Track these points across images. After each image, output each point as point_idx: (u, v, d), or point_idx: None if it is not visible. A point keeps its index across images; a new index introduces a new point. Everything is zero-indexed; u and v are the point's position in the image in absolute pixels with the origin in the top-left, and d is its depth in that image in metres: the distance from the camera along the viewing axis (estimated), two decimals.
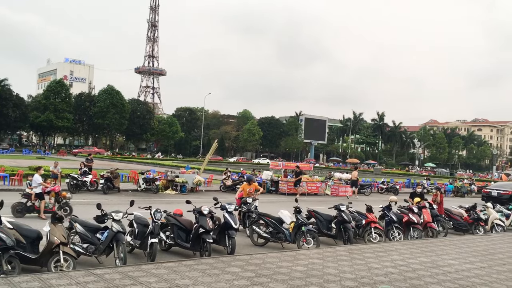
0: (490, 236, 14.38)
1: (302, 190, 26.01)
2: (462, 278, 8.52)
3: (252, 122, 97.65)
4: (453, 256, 10.53)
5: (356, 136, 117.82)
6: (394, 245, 11.58)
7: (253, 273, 7.95)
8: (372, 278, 8.09)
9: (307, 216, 12.72)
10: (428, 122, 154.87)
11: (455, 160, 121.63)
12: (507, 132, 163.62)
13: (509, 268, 9.61)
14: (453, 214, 16.08)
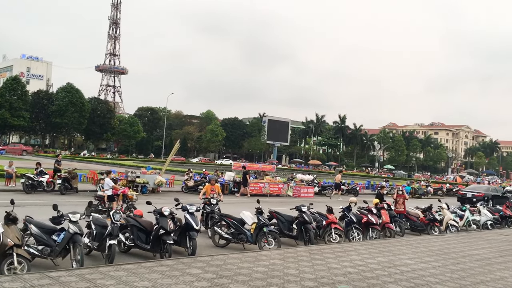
0: (445, 236, 14.85)
1: (246, 191, 26.11)
2: (417, 277, 8.77)
3: (215, 123, 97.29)
4: (410, 256, 10.81)
5: (318, 138, 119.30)
6: (353, 246, 11.79)
7: (214, 275, 7.92)
8: (332, 278, 8.20)
9: (269, 217, 12.79)
10: (387, 125, 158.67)
11: (413, 162, 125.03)
12: (462, 136, 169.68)
13: (462, 267, 9.96)
14: (410, 215, 16.53)
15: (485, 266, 10.23)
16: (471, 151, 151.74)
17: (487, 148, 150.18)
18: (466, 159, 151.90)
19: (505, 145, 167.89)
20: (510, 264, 10.68)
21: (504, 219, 19.08)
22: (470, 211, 18.07)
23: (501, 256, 11.70)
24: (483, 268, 10.00)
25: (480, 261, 10.78)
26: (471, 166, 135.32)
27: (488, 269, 9.99)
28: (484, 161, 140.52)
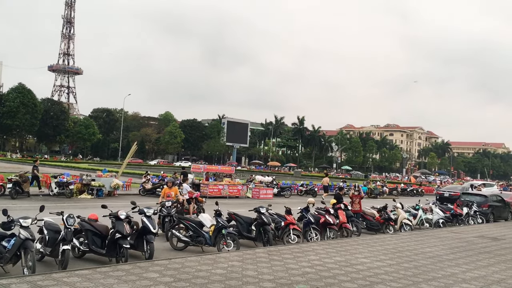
0: (399, 235, 15.27)
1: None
2: (373, 275, 8.97)
3: (174, 125, 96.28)
4: (366, 255, 11.05)
5: (277, 139, 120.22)
6: (311, 246, 11.93)
7: (171, 278, 7.81)
8: (290, 279, 8.26)
9: (228, 219, 12.76)
10: (345, 126, 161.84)
11: (369, 163, 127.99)
12: (416, 137, 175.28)
13: (416, 265, 10.26)
14: (366, 214, 16.89)
15: (437, 263, 10.59)
16: (424, 152, 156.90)
17: (439, 149, 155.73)
18: (419, 159, 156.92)
19: (455, 146, 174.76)
20: (460, 261, 11.10)
21: (455, 217, 19.81)
22: (423, 210, 18.65)
23: (452, 253, 12.14)
24: (435, 265, 10.35)
25: (432, 258, 11.14)
26: (424, 166, 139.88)
27: (439, 266, 10.34)
28: (436, 161, 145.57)
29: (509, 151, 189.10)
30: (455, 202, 22.06)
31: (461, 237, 15.24)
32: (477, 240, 14.95)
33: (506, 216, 23.36)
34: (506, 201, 23.81)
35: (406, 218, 17.11)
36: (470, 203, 21.10)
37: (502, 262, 11.29)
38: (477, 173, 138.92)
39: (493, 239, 15.45)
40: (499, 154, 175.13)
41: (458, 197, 26.98)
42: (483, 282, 9.00)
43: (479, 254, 12.22)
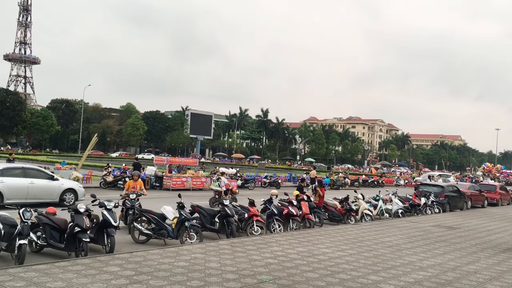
0: (360, 225, 15.59)
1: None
2: (334, 265, 9.13)
3: (136, 116, 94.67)
4: (327, 245, 11.23)
5: (241, 131, 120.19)
6: (274, 237, 12.03)
7: (133, 271, 7.71)
8: (253, 270, 8.31)
9: (191, 211, 12.68)
10: (308, 119, 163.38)
11: (332, 155, 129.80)
12: (377, 130, 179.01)
13: (375, 254, 10.51)
14: (328, 205, 17.13)
15: (396, 252, 10.88)
16: (385, 144, 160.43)
17: (399, 141, 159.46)
18: (380, 151, 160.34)
19: (415, 138, 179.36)
20: (418, 250, 11.44)
21: (413, 207, 20.38)
22: (383, 200, 19.09)
23: (409, 242, 12.50)
24: (393, 254, 10.63)
25: (391, 248, 11.44)
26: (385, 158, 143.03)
27: (398, 254, 10.63)
28: (397, 153, 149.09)
29: (465, 143, 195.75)
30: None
31: (419, 227, 15.71)
32: (434, 229, 15.44)
33: (461, 206, 24.24)
34: (462, 192, 24.71)
35: (367, 208, 17.47)
36: (428, 193, 21.76)
37: (457, 250, 11.72)
38: (435, 164, 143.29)
39: (449, 228, 16.00)
40: (456, 146, 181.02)
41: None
42: (439, 269, 9.31)
43: (436, 243, 12.63)
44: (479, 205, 26.46)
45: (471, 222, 18.33)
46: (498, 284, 8.36)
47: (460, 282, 8.33)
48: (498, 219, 20.02)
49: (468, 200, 25.23)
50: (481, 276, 8.91)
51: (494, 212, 23.48)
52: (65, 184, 17.86)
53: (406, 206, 19.95)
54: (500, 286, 8.23)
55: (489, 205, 27.52)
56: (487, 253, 11.57)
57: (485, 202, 27.28)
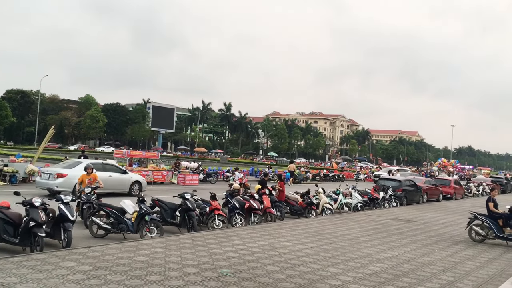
0: (321, 219, 15.82)
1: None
2: (294, 258, 9.22)
3: (96, 109, 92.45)
4: (288, 238, 11.34)
5: (204, 125, 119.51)
6: (236, 231, 12.04)
7: (90, 266, 7.54)
8: (214, 264, 8.29)
9: (151, 205, 12.52)
10: (271, 113, 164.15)
11: (294, 149, 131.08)
12: (338, 125, 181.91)
13: (335, 247, 10.70)
14: (289, 199, 17.28)
15: (354, 245, 11.11)
16: (346, 139, 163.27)
17: (359, 136, 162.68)
18: (341, 146, 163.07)
19: (375, 134, 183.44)
20: (376, 242, 11.72)
21: (372, 201, 20.86)
22: (343, 194, 19.43)
23: (368, 235, 12.79)
24: (352, 247, 10.85)
25: (350, 240, 11.68)
26: (346, 153, 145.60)
27: (357, 247, 10.86)
28: (357, 148, 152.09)
29: (422, 139, 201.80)
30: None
31: (377, 220, 16.10)
32: (391, 222, 15.86)
33: (417, 200, 24.99)
34: (418, 186, 25.47)
35: (327, 202, 17.74)
36: (386, 187, 22.31)
37: (413, 243, 12.08)
38: (394, 159, 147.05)
39: (405, 221, 16.47)
40: (414, 142, 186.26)
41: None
42: (395, 261, 9.57)
43: (393, 235, 12.98)
44: (434, 199, 27.34)
45: (426, 215, 18.93)
46: (451, 275, 8.68)
47: (415, 273, 8.59)
48: (452, 213, 20.77)
49: (424, 194, 26.02)
50: (435, 268, 9.22)
51: (448, 206, 24.34)
52: (133, 177, 20.78)
53: (365, 200, 20.39)
54: (453, 277, 8.53)
55: (444, 199, 28.48)
56: (441, 245, 11.98)
57: (440, 196, 28.23)
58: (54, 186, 16.18)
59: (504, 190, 38.98)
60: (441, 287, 7.75)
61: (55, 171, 18.47)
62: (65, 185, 17.05)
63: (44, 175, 18.77)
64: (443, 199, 28.47)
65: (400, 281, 7.97)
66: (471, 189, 35.19)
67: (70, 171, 18.20)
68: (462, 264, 9.74)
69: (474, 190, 35.43)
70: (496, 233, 12.61)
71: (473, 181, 41.21)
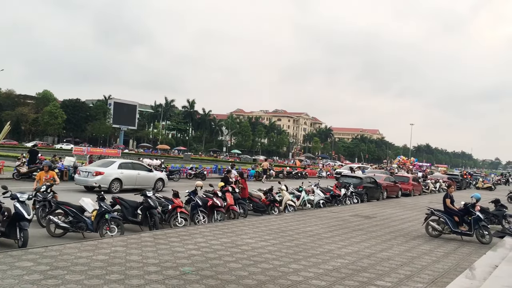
0: (283, 216, 15.94)
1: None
2: (257, 255, 9.26)
3: (54, 104, 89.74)
4: (251, 236, 11.37)
5: (167, 122, 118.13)
6: (198, 228, 11.98)
7: (47, 266, 7.33)
8: (175, 262, 8.21)
9: (112, 203, 12.28)
10: (235, 111, 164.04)
11: (258, 147, 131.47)
12: (302, 123, 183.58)
13: (297, 243, 10.81)
14: (253, 197, 17.33)
15: (316, 241, 11.26)
16: (309, 137, 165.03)
17: (322, 134, 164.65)
18: (304, 144, 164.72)
19: (337, 132, 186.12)
20: (337, 238, 11.92)
21: (334, 198, 21.17)
22: (305, 191, 19.64)
23: (330, 231, 12.99)
24: (314, 243, 10.99)
25: (312, 237, 11.82)
26: (308, 150, 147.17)
27: (318, 243, 11.00)
28: (320, 146, 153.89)
29: (383, 137, 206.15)
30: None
31: (339, 216, 16.37)
32: (352, 218, 16.16)
33: (378, 196, 25.56)
34: (378, 183, 26.04)
35: (290, 199, 17.89)
36: (348, 184, 22.70)
37: (373, 238, 12.35)
38: (355, 157, 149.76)
39: (366, 217, 16.82)
40: (374, 140, 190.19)
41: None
42: (355, 256, 9.77)
43: (353, 231, 13.23)
44: (393, 195, 28.04)
45: (386, 211, 19.40)
46: (409, 269, 8.92)
47: (375, 268, 8.78)
48: (410, 209, 21.36)
49: (384, 191, 26.64)
50: (394, 262, 9.46)
51: (407, 202, 25.02)
52: (157, 175, 22.86)
53: (327, 196, 20.68)
54: (410, 271, 8.78)
55: (403, 196, 29.25)
56: (400, 241, 12.31)
57: (399, 192, 28.98)
58: (93, 183, 19.42)
59: (459, 186, 40.40)
60: (399, 281, 7.96)
61: (94, 169, 20.26)
62: (102, 182, 18.89)
63: (83, 173, 20.52)
64: (402, 195, 29.23)
65: (360, 276, 8.14)
66: (429, 186, 36.29)
67: (106, 169, 20.34)
68: (419, 259, 10.04)
69: (432, 186, 36.57)
70: (452, 228, 13.06)
71: (430, 178, 42.50)
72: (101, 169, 20.33)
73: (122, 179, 20.42)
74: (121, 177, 20.42)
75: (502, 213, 16.83)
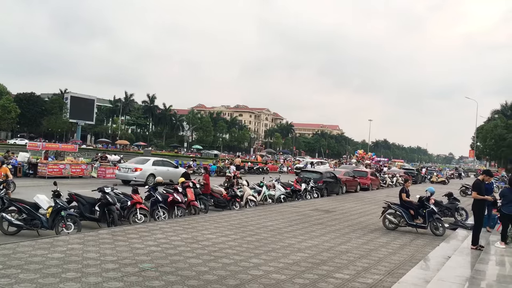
0: (244, 211, 15.98)
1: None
2: (218, 250, 9.25)
3: (7, 98, 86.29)
4: (212, 231, 11.33)
5: (126, 117, 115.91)
6: (158, 225, 11.83)
7: (0, 265, 7.06)
8: (134, 259, 8.09)
9: (68, 200, 11.95)
10: (196, 106, 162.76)
11: (219, 142, 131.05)
12: (263, 118, 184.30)
13: (258, 238, 10.85)
14: (214, 192, 17.27)
15: (277, 236, 11.35)
16: (270, 132, 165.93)
17: (283, 130, 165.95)
18: (266, 139, 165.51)
19: (298, 127, 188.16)
20: (297, 232, 12.05)
21: (295, 193, 21.41)
22: (266, 186, 19.74)
23: (290, 225, 13.12)
24: (275, 237, 11.07)
25: (273, 231, 11.91)
26: (270, 146, 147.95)
27: (279, 238, 11.10)
28: (281, 141, 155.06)
29: (342, 132, 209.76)
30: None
31: (299, 211, 16.55)
32: (312, 213, 16.38)
33: (337, 191, 26.02)
34: (338, 178, 26.50)
35: (251, 194, 17.94)
36: (308, 179, 22.98)
37: (332, 232, 12.57)
38: (316, 152, 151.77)
39: (325, 211, 17.09)
40: (334, 135, 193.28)
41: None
42: (315, 250, 9.91)
43: (313, 226, 13.42)
44: (352, 189, 28.62)
45: (345, 205, 19.78)
46: (366, 262, 9.14)
47: (334, 261, 8.94)
48: (368, 203, 21.86)
49: (343, 185, 27.15)
50: (352, 255, 9.67)
51: (365, 196, 25.59)
52: (182, 170, 24.31)
53: (288, 191, 20.88)
54: (368, 263, 8.99)
55: (362, 190, 29.90)
56: (358, 234, 12.58)
57: (358, 187, 29.60)
58: (133, 177, 22.85)
59: (415, 181, 41.64)
60: (357, 273, 8.14)
61: (133, 166, 23.18)
62: (141, 177, 22.65)
63: (123, 169, 24.23)
64: (361, 189, 29.87)
65: (319, 269, 8.26)
66: (386, 180, 37.24)
67: (143, 166, 23.90)
68: (376, 251, 10.29)
69: (389, 181, 37.54)
70: (407, 221, 13.46)
71: (387, 172, 43.62)
72: (139, 165, 23.80)
73: (155, 174, 23.12)
74: (155, 172, 23.49)
75: (455, 206, 17.47)
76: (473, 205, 10.87)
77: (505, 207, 10.64)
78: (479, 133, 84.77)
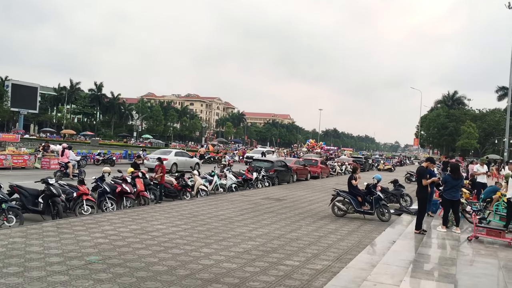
0: (196, 201, 15.86)
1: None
2: (168, 240, 9.13)
3: None
4: (162, 221, 11.18)
5: (72, 106, 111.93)
6: (106, 216, 11.54)
7: None
8: (81, 251, 7.84)
9: (9, 192, 11.41)
10: (146, 94, 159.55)
11: (170, 132, 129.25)
12: (214, 107, 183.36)
13: (209, 228, 10.81)
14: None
15: (228, 225, 11.34)
16: (222, 121, 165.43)
17: (235, 119, 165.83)
18: (217, 128, 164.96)
19: (250, 116, 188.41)
20: (248, 221, 12.10)
21: (246, 182, 21.48)
22: (218, 176, 19.68)
23: (241, 214, 13.15)
24: (226, 227, 11.07)
25: (224, 221, 11.90)
26: (221, 135, 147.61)
27: (230, 227, 11.10)
28: (233, 130, 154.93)
29: (293, 121, 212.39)
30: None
31: (250, 200, 16.63)
32: (263, 201, 16.50)
33: (288, 179, 26.32)
34: (289, 166, 26.80)
35: (202, 184, 17.83)
36: (259, 168, 23.10)
37: (283, 220, 12.71)
38: (267, 141, 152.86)
39: (276, 200, 17.26)
40: (286, 125, 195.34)
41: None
42: (266, 238, 9.99)
43: (264, 214, 13.52)
44: (303, 178, 29.04)
45: (296, 193, 20.05)
46: (316, 248, 9.31)
47: (284, 249, 9.05)
48: (318, 191, 22.28)
49: (294, 174, 27.50)
50: (302, 242, 9.82)
51: (315, 184, 26.06)
52: (195, 160, 31.08)
53: (240, 180, 20.92)
54: (317, 250, 9.16)
55: (312, 178, 30.41)
56: (308, 221, 12.79)
57: (308, 175, 30.08)
58: None
59: (363, 168, 42.80)
60: (306, 260, 8.27)
61: (160, 157, 22.09)
62: (166, 166, 22.16)
63: (152, 160, 26.80)
64: (311, 178, 30.37)
65: (270, 257, 8.34)
66: (335, 168, 38.06)
67: (168, 156, 28.31)
68: (325, 238, 10.50)
69: (338, 169, 38.39)
70: (355, 208, 13.82)
71: (337, 160, 44.59)
72: (164, 156, 26.97)
73: (177, 163, 28.41)
74: (177, 162, 28.55)
75: (400, 193, 18.09)
76: (418, 191, 11.30)
77: (446, 193, 11.12)
78: (423, 122, 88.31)
